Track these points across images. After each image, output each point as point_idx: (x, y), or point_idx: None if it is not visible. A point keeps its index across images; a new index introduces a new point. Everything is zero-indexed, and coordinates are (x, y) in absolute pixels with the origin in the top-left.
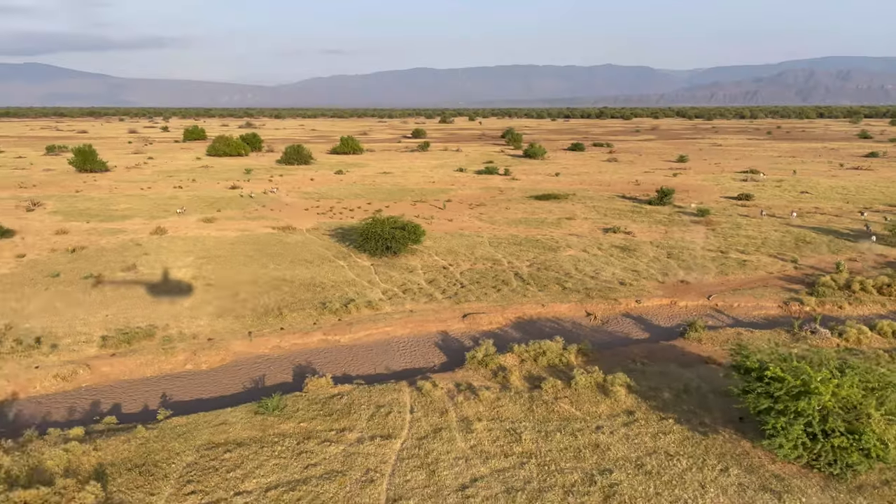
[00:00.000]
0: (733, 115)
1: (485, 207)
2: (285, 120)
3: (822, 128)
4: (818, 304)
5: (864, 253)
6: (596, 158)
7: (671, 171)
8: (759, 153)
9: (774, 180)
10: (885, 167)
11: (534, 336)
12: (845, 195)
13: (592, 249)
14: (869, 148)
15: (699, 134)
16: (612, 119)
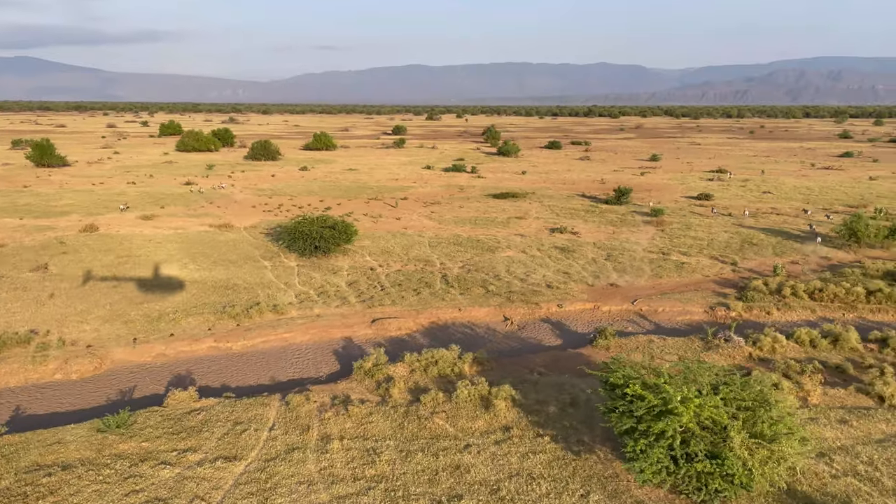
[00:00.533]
0: (720, 114)
1: (439, 206)
2: (272, 116)
3: (805, 128)
4: (745, 310)
5: (809, 255)
6: (569, 157)
7: (640, 170)
8: (736, 152)
9: (740, 180)
10: (857, 167)
11: (443, 342)
12: (808, 195)
13: (532, 250)
14: (846, 148)
15: (682, 133)
16: (601, 117)
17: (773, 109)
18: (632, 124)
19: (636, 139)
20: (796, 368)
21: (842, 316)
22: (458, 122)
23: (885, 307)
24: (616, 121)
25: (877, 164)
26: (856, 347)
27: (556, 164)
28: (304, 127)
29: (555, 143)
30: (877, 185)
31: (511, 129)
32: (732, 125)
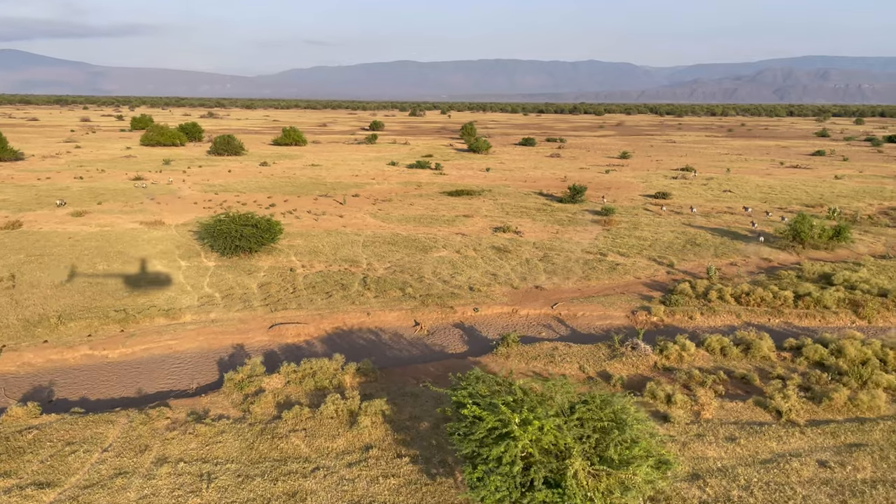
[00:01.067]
0: (705, 112)
1: (389, 203)
2: (255, 110)
3: (786, 126)
4: (668, 314)
5: (750, 257)
6: (540, 154)
7: (607, 168)
8: (709, 150)
9: (704, 178)
10: (825, 166)
11: (341, 349)
12: (767, 194)
13: (467, 250)
14: (822, 146)
15: (661, 130)
16: (586, 115)
17: (758, 108)
18: (614, 122)
19: (614, 137)
20: (699, 379)
21: (767, 321)
22: (441, 119)
23: (812, 312)
24: (599, 118)
25: (846, 163)
26: (768, 356)
27: (524, 161)
28: (283, 122)
29: (528, 140)
30: (840, 184)
31: (492, 125)
32: (714, 123)
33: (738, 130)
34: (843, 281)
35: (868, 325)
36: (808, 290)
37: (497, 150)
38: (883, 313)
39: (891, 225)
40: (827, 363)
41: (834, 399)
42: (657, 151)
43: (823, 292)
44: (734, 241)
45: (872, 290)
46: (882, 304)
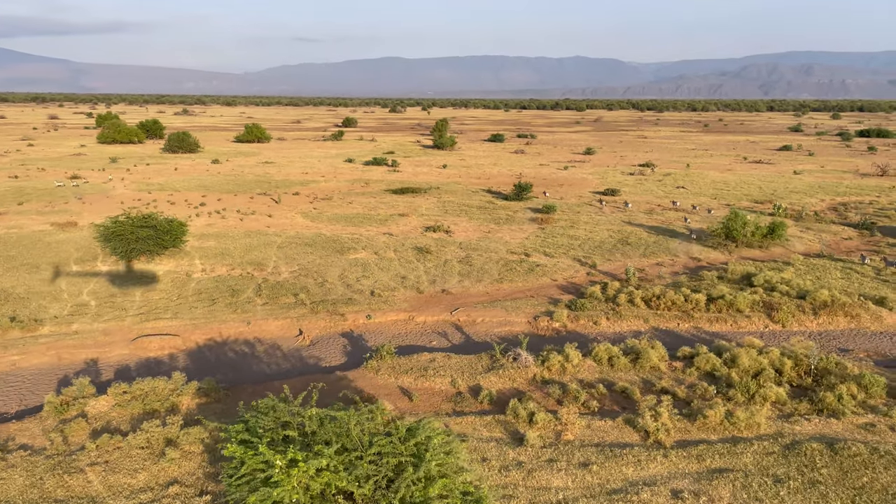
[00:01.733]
0: (686, 107)
1: (328, 202)
2: (235, 107)
3: (763, 121)
4: (571, 320)
5: (679, 256)
6: (506, 150)
7: (567, 164)
8: (678, 146)
9: (662, 174)
10: (788, 161)
11: (207, 362)
12: (720, 190)
13: (387, 252)
14: (794, 141)
15: (637, 126)
16: (568, 110)
17: (739, 103)
18: (592, 118)
19: (587, 133)
20: (574, 394)
21: (676, 326)
22: (421, 116)
23: (723, 316)
24: (579, 114)
25: (810, 158)
26: (657, 366)
27: (487, 157)
28: (258, 119)
29: (497, 137)
30: (798, 179)
31: (469, 122)
32: (692, 119)
33: (714, 126)
34: (764, 282)
35: (782, 330)
36: (722, 293)
37: (463, 147)
38: (798, 317)
39: (836, 221)
40: (718, 374)
41: (709, 417)
42: (625, 147)
43: (738, 295)
44: (669, 239)
45: (791, 293)
46: (798, 307)
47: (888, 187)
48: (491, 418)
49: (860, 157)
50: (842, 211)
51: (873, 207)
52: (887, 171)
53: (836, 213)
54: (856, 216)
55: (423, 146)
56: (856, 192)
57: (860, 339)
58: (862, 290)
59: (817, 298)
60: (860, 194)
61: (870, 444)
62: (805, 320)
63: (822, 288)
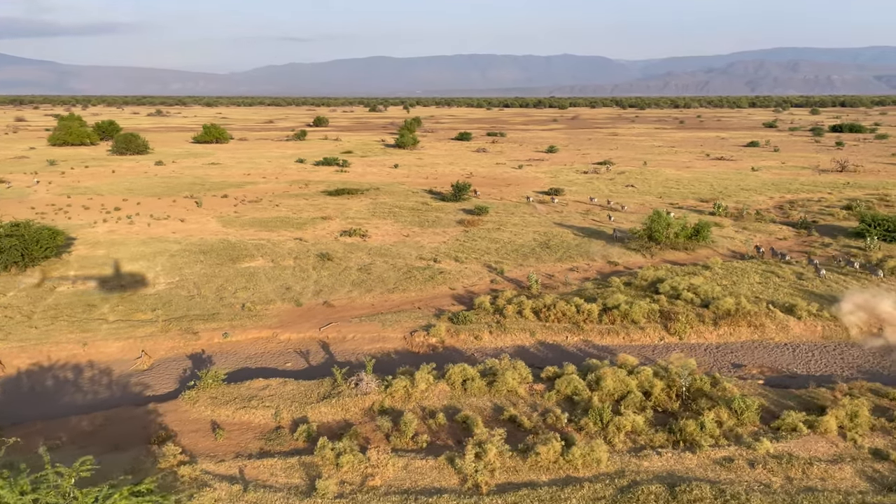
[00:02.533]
0: (669, 104)
1: (254, 205)
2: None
3: (742, 117)
4: (451, 334)
5: (597, 260)
6: (468, 149)
7: (524, 163)
8: (646, 143)
9: (617, 172)
10: (751, 157)
11: (18, 391)
12: (669, 188)
13: (286, 259)
14: (763, 136)
15: (613, 123)
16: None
17: (722, 100)
18: (570, 115)
19: (561, 130)
20: (404, 427)
21: (564, 339)
22: (401, 114)
23: (616, 328)
24: (561, 112)
25: (774, 154)
26: (515, 390)
27: (445, 156)
28: (232, 119)
29: (465, 136)
30: (753, 176)
31: (446, 120)
32: (671, 115)
33: (691, 122)
34: (671, 289)
35: (678, 342)
36: (617, 303)
37: (426, 146)
38: (697, 328)
39: (777, 220)
40: (578, 398)
41: (542, 454)
42: (592, 145)
43: (634, 305)
44: (593, 242)
45: (696, 301)
46: (698, 317)
47: (842, 184)
48: (296, 460)
49: (826, 152)
50: (787, 209)
51: (821, 205)
52: (846, 166)
53: (781, 212)
54: (800, 214)
55: (386, 145)
56: (809, 189)
57: (759, 353)
58: (776, 296)
59: (720, 307)
60: (812, 191)
61: (718, 486)
62: (704, 331)
63: (727, 296)
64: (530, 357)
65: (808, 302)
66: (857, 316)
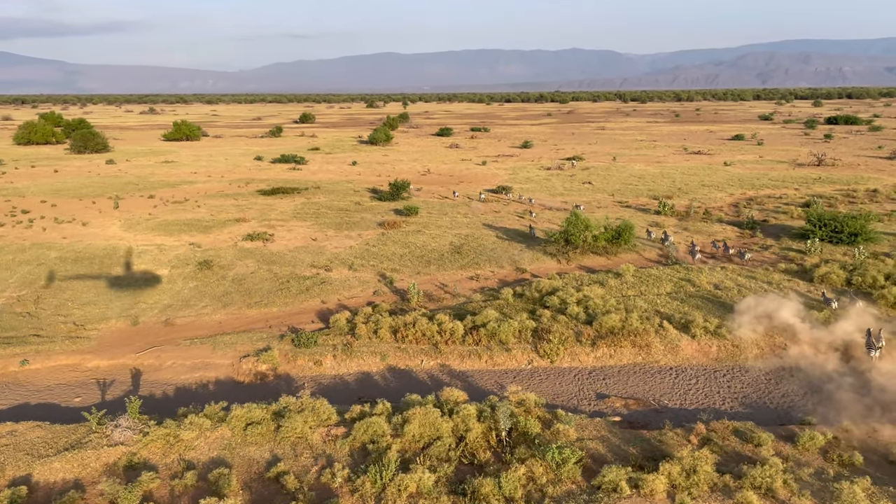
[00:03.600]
0: (672, 97)
1: (176, 205)
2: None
3: (742, 110)
4: (288, 360)
5: (504, 267)
6: (442, 145)
7: (491, 159)
8: (629, 137)
9: (581, 168)
10: (730, 151)
11: None
12: (628, 185)
13: (161, 269)
14: (753, 129)
15: (606, 117)
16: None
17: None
18: (566, 110)
19: (550, 125)
20: (135, 489)
21: (419, 363)
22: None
23: (480, 350)
24: (560, 106)
25: (755, 148)
26: (305, 435)
27: (414, 153)
28: (220, 117)
29: (445, 131)
30: (723, 171)
31: (439, 115)
32: (668, 109)
33: (686, 116)
34: (559, 302)
35: (549, 367)
36: (486, 320)
37: (402, 142)
38: (572, 349)
39: (724, 220)
40: (374, 447)
41: None
42: (573, 140)
43: (503, 323)
44: (511, 246)
45: (581, 316)
46: (577, 336)
47: (813, 179)
48: None
49: (812, 145)
50: (742, 207)
51: (780, 202)
52: (823, 160)
53: (735, 210)
54: (754, 213)
55: (361, 142)
56: (774, 185)
57: (635, 380)
58: (680, 309)
59: (604, 325)
60: (778, 187)
61: None
62: (580, 353)
63: (619, 310)
64: (371, 386)
65: (707, 317)
66: (755, 332)
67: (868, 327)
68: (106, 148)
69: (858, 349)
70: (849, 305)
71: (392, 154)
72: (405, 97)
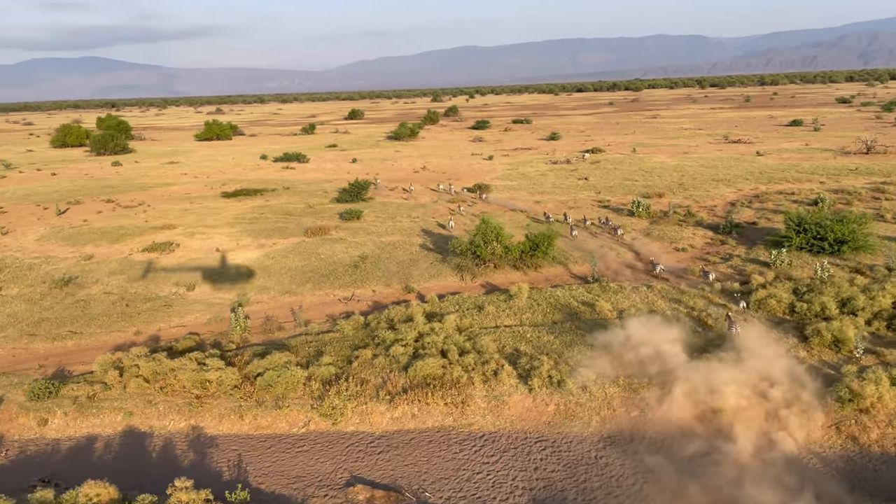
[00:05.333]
0: (755, 82)
1: (123, 210)
2: (290, 104)
3: (823, 93)
4: (11, 416)
5: (392, 286)
6: (466, 139)
7: (502, 152)
8: (676, 125)
9: (590, 162)
10: (774, 139)
11: None
12: (624, 182)
13: (12, 287)
14: (826, 113)
15: (669, 105)
16: (626, 91)
17: (818, 75)
18: (632, 98)
19: (604, 114)
20: None
21: (166, 425)
22: (462, 104)
23: (246, 407)
24: (626, 94)
25: (809, 134)
26: None
27: (432, 147)
28: (281, 115)
29: (481, 124)
30: (749, 162)
31: (497, 107)
32: (743, 94)
33: (759, 101)
34: (392, 340)
35: (330, 430)
36: (260, 370)
37: (429, 136)
38: (367, 405)
39: (704, 222)
40: None
41: None
42: (614, 129)
43: (284, 373)
44: (426, 257)
45: (402, 359)
46: (377, 388)
47: (849, 170)
48: None
49: (877, 130)
50: (740, 205)
51: (790, 198)
52: (873, 148)
53: (730, 209)
54: (752, 211)
55: (388, 137)
56: (801, 177)
57: (419, 454)
58: (546, 347)
59: (418, 372)
60: (802, 180)
61: None
62: (374, 411)
63: (429, 356)
64: (82, 460)
65: (565, 359)
66: (612, 385)
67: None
68: (125, 149)
69: (738, 421)
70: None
71: (407, 150)
72: (477, 90)
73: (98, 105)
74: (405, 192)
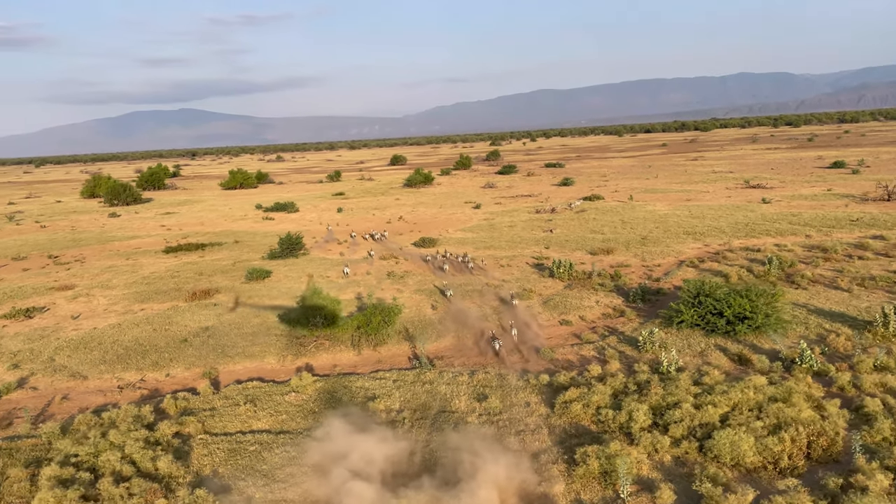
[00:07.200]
0: (835, 119)
1: (53, 268)
2: (356, 151)
3: (880, 132)
4: None
5: (195, 367)
6: (477, 185)
7: (496, 200)
8: (707, 168)
9: (576, 211)
10: (800, 183)
11: None
12: (590, 235)
13: None
14: (885, 153)
15: (721, 146)
16: (696, 131)
17: None
18: (690, 138)
19: (642, 157)
20: None
21: None
22: (520, 147)
23: None
24: (687, 134)
25: (842, 178)
26: None
27: (431, 196)
28: (338, 161)
29: (507, 169)
30: (743, 212)
31: (548, 150)
32: (808, 133)
33: (822, 140)
34: (64, 459)
35: None
36: None
37: (446, 182)
38: None
39: (624, 288)
40: None
41: None
42: (640, 173)
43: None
44: (277, 328)
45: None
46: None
47: (849, 221)
48: None
49: None
50: (686, 266)
51: (749, 256)
52: (895, 193)
53: (678, 266)
54: (698, 273)
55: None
56: (789, 230)
57: None
58: None
59: None
60: (787, 234)
61: None
62: None
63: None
64: None
65: None
66: None
67: None
68: (137, 199)
69: None
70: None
71: (407, 198)
72: (544, 132)
73: (180, 154)
74: (343, 244)
